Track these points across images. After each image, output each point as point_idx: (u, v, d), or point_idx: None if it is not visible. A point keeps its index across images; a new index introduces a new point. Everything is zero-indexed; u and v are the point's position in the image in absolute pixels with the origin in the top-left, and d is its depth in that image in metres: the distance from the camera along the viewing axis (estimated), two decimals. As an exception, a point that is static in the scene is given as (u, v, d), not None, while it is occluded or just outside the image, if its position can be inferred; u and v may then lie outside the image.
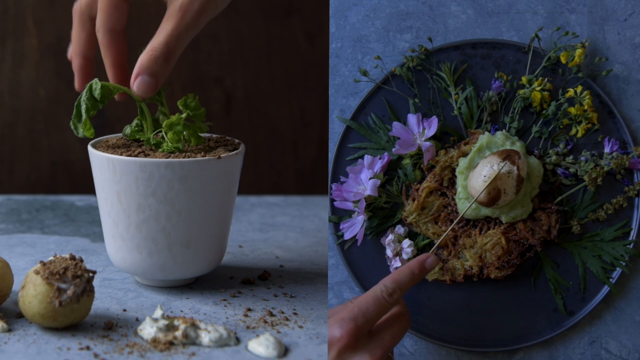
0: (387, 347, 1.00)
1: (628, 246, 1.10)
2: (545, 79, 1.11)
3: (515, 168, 1.07)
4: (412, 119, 1.12)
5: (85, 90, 1.16)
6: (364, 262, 1.13)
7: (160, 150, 1.18)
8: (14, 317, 1.12)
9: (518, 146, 1.10)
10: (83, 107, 1.16)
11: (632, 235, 1.11)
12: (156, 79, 1.13)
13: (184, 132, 1.18)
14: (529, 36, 1.13)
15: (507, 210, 1.09)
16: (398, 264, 1.10)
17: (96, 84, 1.16)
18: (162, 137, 1.20)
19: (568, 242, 1.12)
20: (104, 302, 1.18)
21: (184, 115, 1.18)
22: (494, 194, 1.07)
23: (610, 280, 1.10)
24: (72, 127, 1.18)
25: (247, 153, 1.69)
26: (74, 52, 1.20)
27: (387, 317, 1.02)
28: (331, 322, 0.99)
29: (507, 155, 1.07)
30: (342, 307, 1.02)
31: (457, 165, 1.11)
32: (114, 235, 1.19)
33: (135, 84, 1.14)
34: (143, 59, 1.13)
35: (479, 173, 1.08)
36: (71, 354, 1.04)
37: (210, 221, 1.19)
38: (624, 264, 1.10)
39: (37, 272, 1.07)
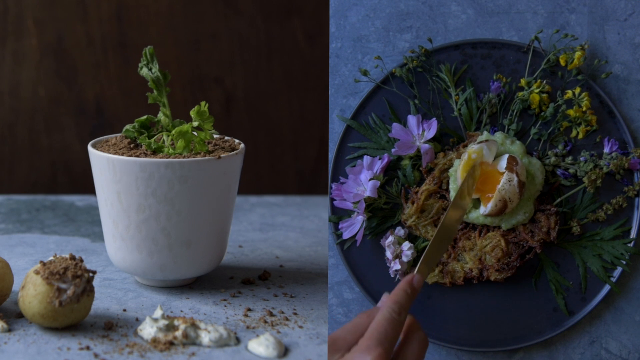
0: None
1: (628, 244, 1.10)
2: (544, 82, 1.11)
3: (514, 175, 1.07)
4: (412, 120, 1.12)
5: None
6: (364, 262, 1.13)
7: (160, 153, 1.18)
8: (14, 317, 1.13)
9: (518, 145, 1.10)
10: None
11: (632, 233, 1.11)
12: None
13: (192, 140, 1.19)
14: (529, 36, 1.13)
15: (508, 218, 1.09)
16: (398, 266, 1.10)
17: None
18: (163, 141, 1.20)
19: (568, 242, 1.12)
20: (104, 302, 1.18)
21: (196, 124, 1.18)
22: (500, 206, 1.07)
23: (611, 279, 1.10)
24: None
25: (247, 153, 1.69)
26: None
27: (402, 340, 1.00)
28: (352, 355, 0.95)
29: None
30: (344, 332, 0.98)
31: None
32: (114, 235, 1.19)
33: None
34: None
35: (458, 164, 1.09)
36: (71, 354, 1.04)
37: (210, 221, 1.19)
38: (624, 262, 1.10)
39: (37, 272, 1.07)
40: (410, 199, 1.12)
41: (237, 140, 1.26)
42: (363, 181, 1.12)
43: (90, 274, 1.09)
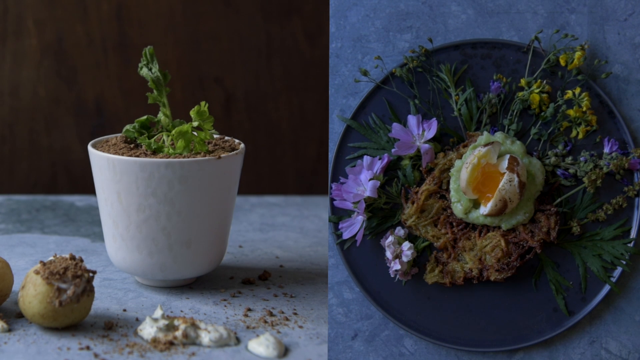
0: None
1: (628, 244, 1.10)
2: (544, 82, 1.11)
3: (515, 176, 1.07)
4: (412, 120, 1.12)
5: None
6: (364, 262, 1.13)
7: (160, 153, 1.18)
8: (14, 317, 1.13)
9: (518, 145, 1.10)
10: None
11: (632, 233, 1.11)
12: None
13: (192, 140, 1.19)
14: (529, 36, 1.13)
15: (508, 218, 1.09)
16: (398, 266, 1.10)
17: None
18: (163, 141, 1.20)
19: (568, 242, 1.12)
20: (104, 302, 1.18)
21: (196, 124, 1.19)
22: (500, 206, 1.07)
23: (611, 279, 1.10)
24: None
25: (247, 153, 1.69)
26: None
27: None
28: None
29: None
30: None
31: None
32: (114, 235, 1.19)
33: None
34: None
35: (464, 164, 1.08)
36: (71, 354, 1.04)
37: (210, 221, 1.19)
38: (624, 262, 1.10)
39: (37, 272, 1.07)
40: (410, 199, 1.12)
41: (237, 140, 1.26)
42: (363, 181, 1.12)
43: (90, 274, 1.09)
